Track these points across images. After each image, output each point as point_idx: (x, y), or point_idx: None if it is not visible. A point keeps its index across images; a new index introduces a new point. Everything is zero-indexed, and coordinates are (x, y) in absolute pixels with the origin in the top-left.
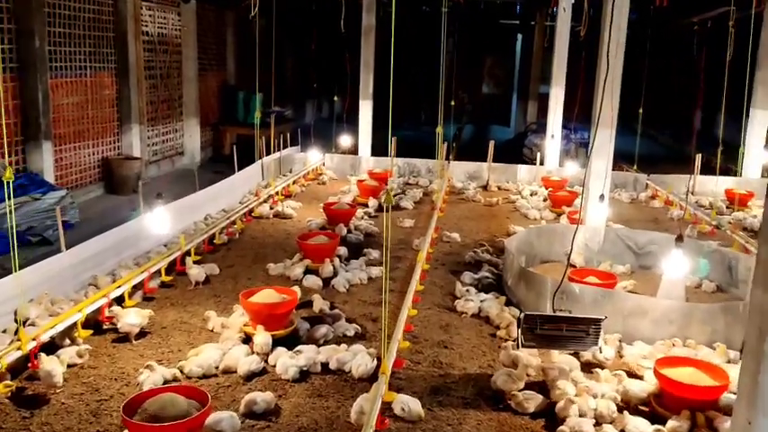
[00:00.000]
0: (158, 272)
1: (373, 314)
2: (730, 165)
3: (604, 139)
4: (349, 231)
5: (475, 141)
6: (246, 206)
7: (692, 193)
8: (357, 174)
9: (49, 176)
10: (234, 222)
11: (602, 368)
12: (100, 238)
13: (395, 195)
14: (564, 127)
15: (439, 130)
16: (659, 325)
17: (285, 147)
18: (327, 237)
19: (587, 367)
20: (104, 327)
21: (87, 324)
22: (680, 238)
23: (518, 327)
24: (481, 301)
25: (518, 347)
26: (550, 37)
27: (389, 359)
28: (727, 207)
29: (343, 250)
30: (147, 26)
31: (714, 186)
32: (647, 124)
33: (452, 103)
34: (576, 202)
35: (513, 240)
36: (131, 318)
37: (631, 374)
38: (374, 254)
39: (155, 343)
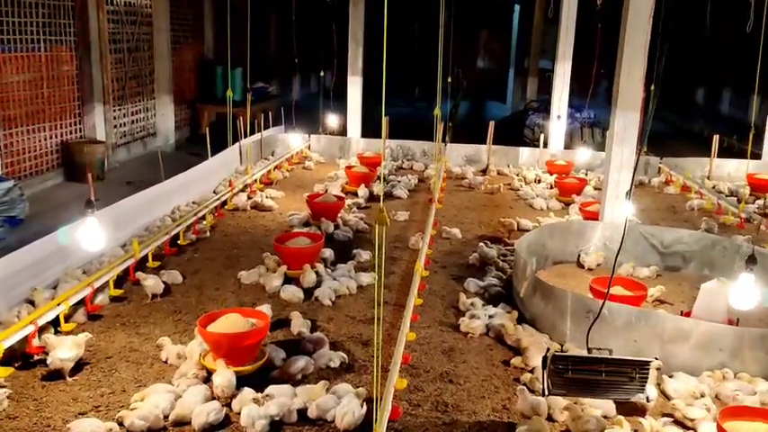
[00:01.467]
0: (107, 284)
1: (363, 335)
2: (743, 145)
3: (628, 122)
4: (336, 227)
5: (471, 119)
6: (219, 198)
7: (708, 178)
8: (346, 157)
9: None
10: (203, 218)
11: (644, 413)
12: (39, 244)
13: (387, 183)
14: (568, 105)
15: (437, 112)
16: (705, 352)
17: (267, 127)
18: (310, 238)
19: (623, 409)
20: (35, 358)
21: (12, 356)
22: (752, 260)
23: (543, 368)
24: (489, 317)
25: (544, 394)
26: (555, 7)
27: (382, 421)
28: (749, 194)
29: (328, 252)
30: None
31: (734, 171)
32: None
33: (449, 80)
34: (587, 190)
35: (524, 241)
36: (63, 351)
37: (679, 423)
38: (365, 255)
39: (94, 380)
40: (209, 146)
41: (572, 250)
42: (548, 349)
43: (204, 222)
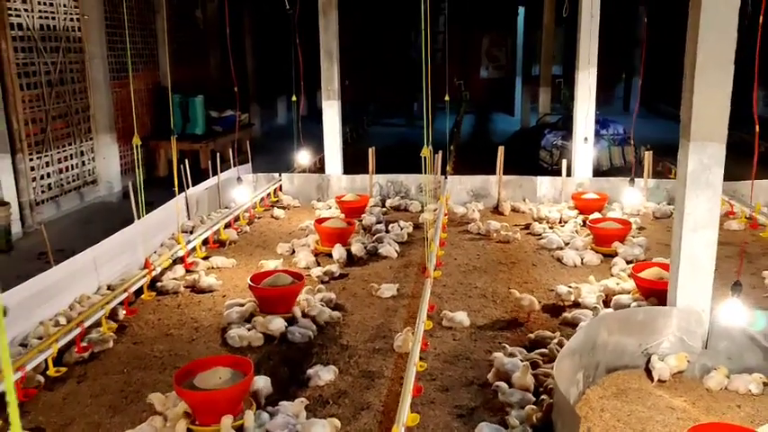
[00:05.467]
0: None
1: None
2: None
3: (709, 160)
4: (292, 322)
5: (476, 136)
6: (123, 290)
7: None
8: (324, 199)
9: None
10: (89, 330)
11: None
12: None
13: (373, 234)
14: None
15: (426, 152)
16: None
17: (234, 164)
18: (233, 368)
19: None
20: None
21: None
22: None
23: None
24: None
25: None
26: (572, 5)
27: None
28: None
29: (262, 382)
30: (19, 16)
31: None
32: (669, 100)
33: (447, 98)
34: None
35: (564, 359)
36: None
37: None
38: (326, 375)
39: None
40: (133, 202)
41: (633, 350)
42: None
43: (99, 331)
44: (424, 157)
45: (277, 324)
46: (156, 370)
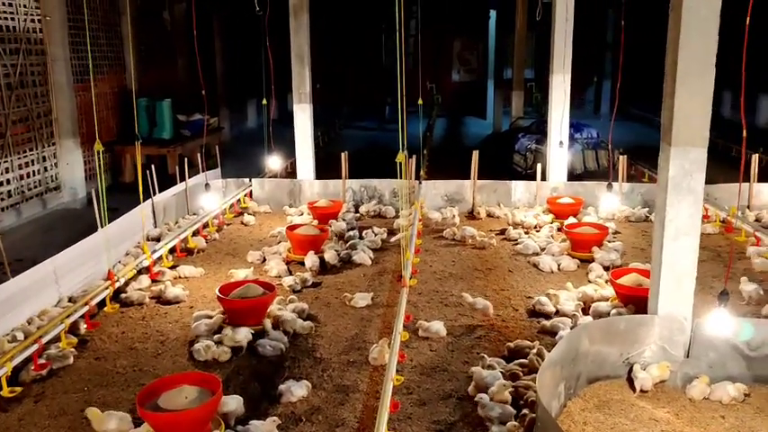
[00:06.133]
0: None
1: None
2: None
3: (691, 166)
4: (262, 335)
5: (448, 140)
6: (82, 303)
7: (749, 208)
8: (296, 205)
9: None
10: (48, 345)
11: None
12: None
13: (345, 242)
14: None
15: (401, 158)
16: None
17: (196, 171)
18: (200, 385)
19: None
20: None
21: None
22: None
23: None
24: None
25: None
26: (545, 8)
27: None
28: None
29: (234, 404)
30: None
31: None
32: (640, 103)
33: (420, 102)
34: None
35: (546, 371)
36: None
37: None
38: (299, 391)
39: None
40: (96, 210)
41: (615, 359)
42: None
43: (59, 346)
44: (399, 163)
45: (243, 334)
46: (118, 387)
